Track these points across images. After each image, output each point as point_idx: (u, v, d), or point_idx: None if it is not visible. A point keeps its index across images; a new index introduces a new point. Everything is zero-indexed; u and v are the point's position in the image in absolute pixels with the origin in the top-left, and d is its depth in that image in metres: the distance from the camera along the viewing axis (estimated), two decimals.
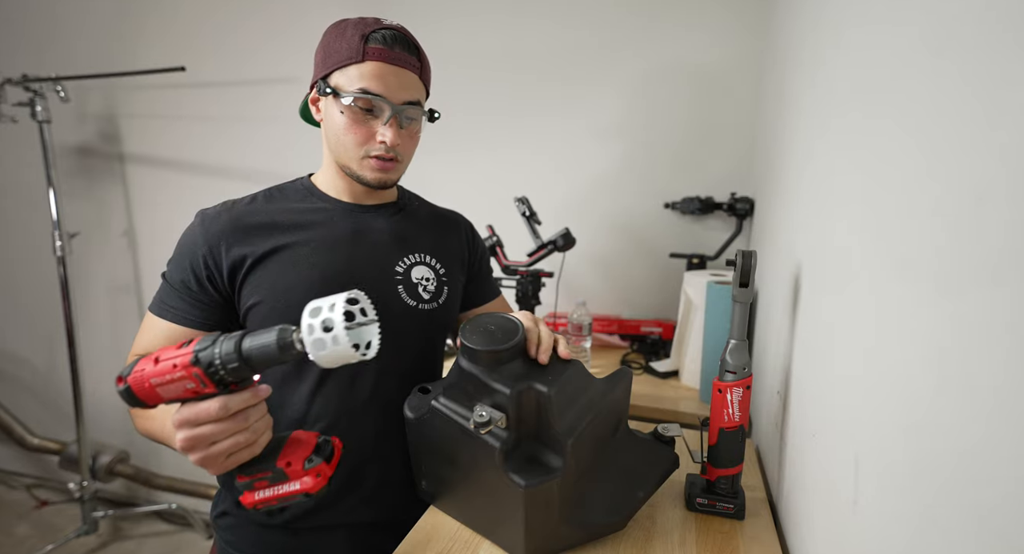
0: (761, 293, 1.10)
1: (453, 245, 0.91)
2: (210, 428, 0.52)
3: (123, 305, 2.21)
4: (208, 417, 0.51)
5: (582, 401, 0.65)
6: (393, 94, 0.73)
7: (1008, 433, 0.26)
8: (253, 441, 0.54)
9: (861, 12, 0.57)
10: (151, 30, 1.97)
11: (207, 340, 0.51)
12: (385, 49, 0.72)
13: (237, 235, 0.74)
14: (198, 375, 0.50)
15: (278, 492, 0.55)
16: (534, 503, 0.61)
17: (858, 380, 0.48)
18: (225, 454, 0.53)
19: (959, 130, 0.33)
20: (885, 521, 0.40)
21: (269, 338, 0.49)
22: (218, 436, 0.52)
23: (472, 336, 0.66)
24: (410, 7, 1.68)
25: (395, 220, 0.85)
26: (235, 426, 0.52)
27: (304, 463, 0.55)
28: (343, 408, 0.76)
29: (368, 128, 0.74)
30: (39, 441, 2.31)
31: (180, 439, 0.52)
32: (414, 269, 0.83)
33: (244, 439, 0.53)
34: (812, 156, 0.76)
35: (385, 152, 0.74)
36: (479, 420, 0.60)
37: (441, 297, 0.84)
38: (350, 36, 0.72)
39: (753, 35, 1.45)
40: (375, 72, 0.71)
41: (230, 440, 0.52)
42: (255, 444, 0.54)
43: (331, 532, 0.78)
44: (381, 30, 0.72)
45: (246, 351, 0.50)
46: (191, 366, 0.50)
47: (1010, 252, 0.27)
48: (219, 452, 0.52)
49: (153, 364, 0.51)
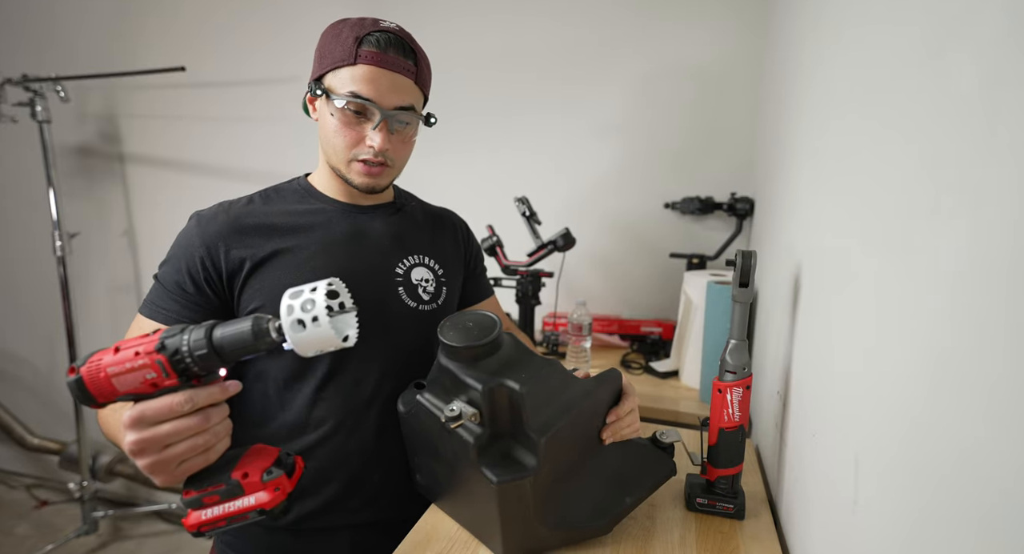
0: (761, 293, 1.10)
1: (449, 245, 0.91)
2: (167, 428, 0.47)
3: (123, 305, 2.21)
4: (168, 413, 0.46)
5: (560, 400, 0.65)
6: (384, 99, 0.71)
7: (1007, 433, 0.26)
8: (211, 446, 0.49)
9: (861, 12, 0.57)
10: (151, 30, 1.97)
11: (175, 328, 0.48)
12: (378, 53, 0.70)
13: (235, 237, 0.73)
14: (161, 363, 0.46)
15: (228, 510, 0.49)
16: (507, 500, 0.61)
17: (858, 380, 0.48)
18: (179, 459, 0.48)
19: (959, 130, 0.33)
20: (885, 521, 0.40)
21: (243, 325, 0.47)
22: (173, 438, 0.47)
23: (450, 332, 0.66)
24: (411, 7, 1.68)
25: (393, 221, 0.85)
26: (195, 425, 0.47)
27: (263, 475, 0.50)
28: (346, 409, 0.76)
29: (358, 132, 0.73)
30: (39, 441, 2.31)
31: (130, 441, 0.47)
32: (414, 270, 0.83)
33: (202, 442, 0.48)
34: (812, 156, 0.76)
35: (373, 156, 0.74)
36: (450, 415, 0.60)
37: (440, 298, 0.84)
38: (345, 37, 0.71)
39: (754, 34, 1.45)
40: (366, 76, 0.70)
41: (187, 443, 0.48)
42: (211, 450, 0.50)
43: (333, 533, 0.78)
44: (376, 32, 0.71)
45: (217, 339, 0.47)
46: (155, 353, 0.46)
47: (1010, 252, 0.27)
48: (172, 456, 0.47)
49: (113, 353, 0.47)
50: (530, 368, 0.65)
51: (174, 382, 0.47)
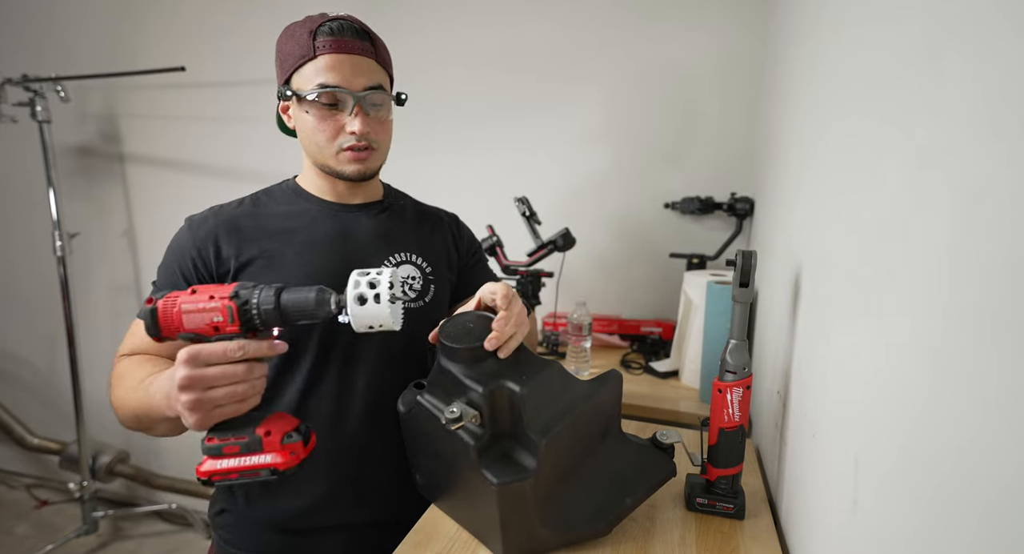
0: (761, 293, 1.10)
1: (438, 243, 0.91)
2: (216, 370, 0.52)
3: (123, 305, 2.21)
4: (221, 357, 0.52)
5: (561, 402, 0.65)
6: (351, 82, 0.73)
7: (1007, 432, 0.26)
8: (247, 397, 0.54)
9: (861, 11, 0.56)
10: (151, 30, 1.97)
11: (248, 284, 0.55)
12: (334, 39, 0.72)
13: (225, 238, 0.75)
14: (231, 309, 0.52)
15: (244, 464, 0.54)
16: (507, 501, 0.61)
17: (858, 380, 0.48)
18: (217, 403, 0.52)
19: (959, 130, 0.33)
20: (885, 520, 0.40)
21: (308, 293, 0.54)
22: (219, 381, 0.52)
23: (450, 333, 0.67)
24: (409, 8, 1.68)
25: (380, 219, 0.85)
26: (240, 374, 0.52)
27: (283, 437, 0.55)
28: (332, 404, 0.77)
29: (335, 122, 0.74)
30: (39, 441, 2.32)
31: (181, 376, 0.51)
32: (400, 268, 0.83)
33: (241, 391, 0.53)
34: (812, 155, 0.76)
35: (357, 141, 0.75)
36: (450, 416, 0.61)
37: (427, 295, 0.85)
38: (299, 36, 0.73)
39: (753, 35, 1.45)
40: (328, 64, 0.72)
41: (228, 388, 0.52)
42: (246, 401, 0.54)
43: (330, 531, 0.78)
44: (327, 22, 0.73)
45: (284, 300, 0.53)
46: (228, 299, 0.52)
47: (1009, 252, 0.26)
48: (212, 399, 0.52)
49: (189, 293, 0.54)
50: (530, 369, 0.65)
51: (235, 329, 0.53)
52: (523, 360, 0.67)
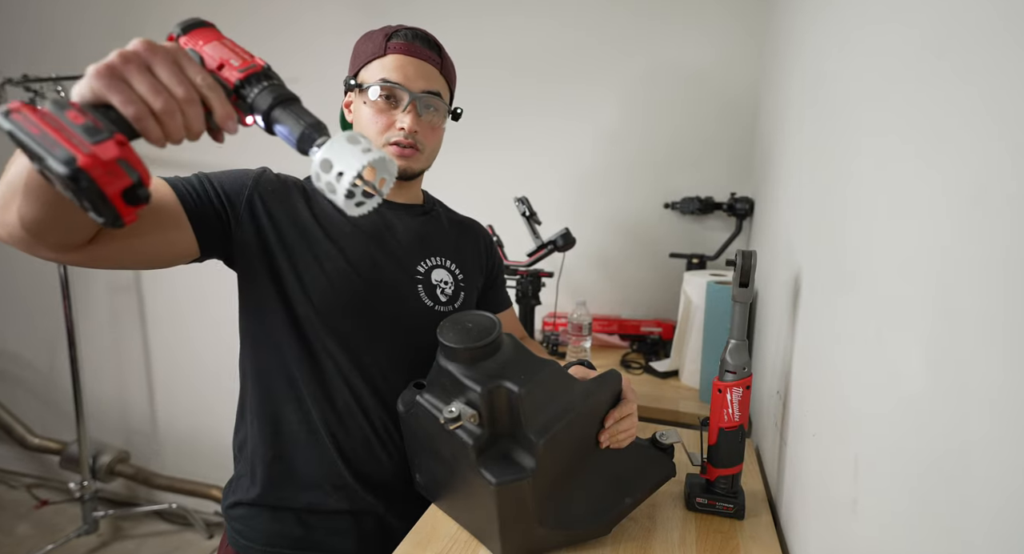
0: (761, 293, 1.10)
1: (471, 252, 0.93)
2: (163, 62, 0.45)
3: (123, 305, 2.21)
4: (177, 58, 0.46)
5: (560, 402, 0.65)
6: (411, 83, 0.76)
7: (1007, 432, 0.26)
8: (168, 112, 0.46)
9: (861, 12, 0.57)
10: (151, 30, 1.96)
11: (269, 76, 0.52)
12: (405, 44, 0.77)
13: (278, 200, 0.76)
14: (252, 68, 0.50)
15: (50, 133, 0.39)
16: (506, 501, 0.61)
17: (858, 380, 0.48)
18: (131, 81, 0.44)
19: (959, 130, 0.33)
20: (885, 521, 0.40)
21: (301, 122, 0.48)
22: (160, 71, 0.44)
23: (449, 333, 0.67)
24: (408, 9, 1.68)
25: (420, 221, 0.87)
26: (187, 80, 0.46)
27: (126, 168, 0.41)
28: (353, 401, 0.77)
29: (389, 117, 0.77)
30: (39, 441, 2.31)
31: (117, 52, 0.44)
32: (434, 271, 0.85)
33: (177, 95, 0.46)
34: (812, 155, 0.76)
35: (404, 138, 0.76)
36: (449, 416, 0.61)
37: (457, 301, 0.86)
38: (375, 37, 0.78)
39: (753, 35, 1.45)
40: (395, 63, 0.76)
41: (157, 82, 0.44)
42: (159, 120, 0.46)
43: (340, 523, 0.78)
44: (404, 30, 0.78)
45: (276, 112, 0.49)
46: (253, 59, 0.51)
47: (1009, 252, 0.27)
48: (132, 79, 0.44)
49: (220, 38, 0.55)
50: (529, 369, 0.65)
51: (230, 84, 0.50)
52: (522, 360, 0.67)
